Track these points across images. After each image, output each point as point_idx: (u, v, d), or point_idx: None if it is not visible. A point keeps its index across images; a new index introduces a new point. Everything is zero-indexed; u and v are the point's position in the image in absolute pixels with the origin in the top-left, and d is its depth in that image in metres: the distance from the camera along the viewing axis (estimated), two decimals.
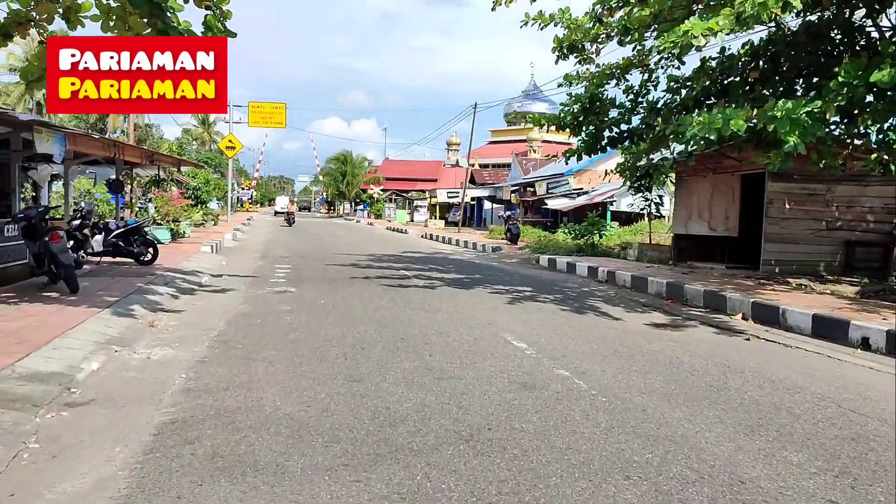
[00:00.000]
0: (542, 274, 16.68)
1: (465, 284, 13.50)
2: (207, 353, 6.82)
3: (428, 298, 11.20)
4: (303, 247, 23.45)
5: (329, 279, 13.64)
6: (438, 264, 18.12)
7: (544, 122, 14.43)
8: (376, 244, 26.68)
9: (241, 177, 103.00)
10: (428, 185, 69.56)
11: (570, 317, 9.90)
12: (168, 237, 18.54)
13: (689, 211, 17.75)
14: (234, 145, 37.83)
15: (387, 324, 8.65)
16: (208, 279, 13.10)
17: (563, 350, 7.36)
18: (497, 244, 25.22)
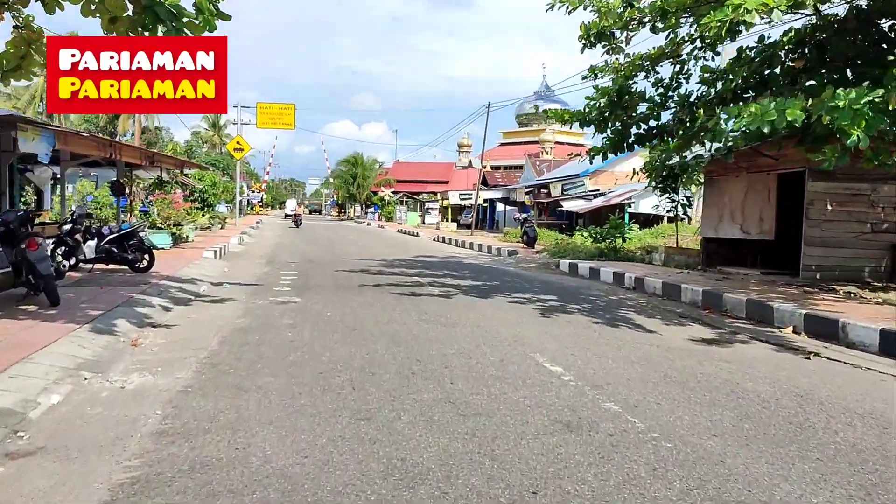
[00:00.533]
0: (563, 280, 15.66)
1: (484, 292, 12.51)
2: (193, 379, 5.86)
3: (444, 309, 10.22)
4: (311, 251, 22.53)
5: (337, 287, 12.69)
6: (453, 269, 17.14)
7: (568, 117, 13.42)
8: (387, 248, 25.73)
9: (252, 179, 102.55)
10: (439, 187, 68.65)
11: (604, 331, 8.89)
12: (169, 242, 17.66)
13: (719, 213, 16.68)
14: (242, 147, 37.03)
15: (400, 341, 7.68)
16: (207, 288, 12.17)
17: (606, 375, 6.35)
18: (513, 247, 24.22)
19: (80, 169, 23.31)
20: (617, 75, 12.53)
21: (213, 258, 17.38)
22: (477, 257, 22.60)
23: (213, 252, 17.70)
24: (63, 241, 12.68)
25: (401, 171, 74.54)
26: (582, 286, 14.41)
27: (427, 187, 70.09)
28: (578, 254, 19.94)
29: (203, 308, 9.99)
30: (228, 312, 9.57)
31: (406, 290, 12.47)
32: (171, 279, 12.31)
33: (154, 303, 9.78)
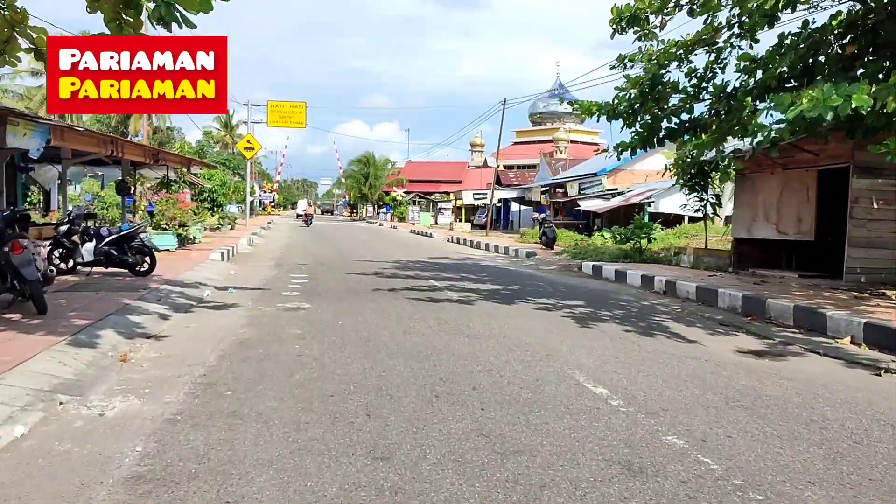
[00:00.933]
0: (587, 284, 14.80)
1: (506, 298, 11.68)
2: (184, 404, 5.08)
3: (466, 317, 9.40)
4: (322, 253, 21.78)
5: (349, 292, 11.90)
6: (470, 273, 16.32)
7: (596, 110, 12.56)
8: (401, 249, 24.94)
9: (264, 180, 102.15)
10: (452, 187, 67.88)
11: (642, 342, 8.04)
12: (174, 243, 16.94)
13: (752, 212, 15.76)
14: (252, 146, 36.37)
15: (420, 355, 6.87)
16: (211, 293, 11.42)
17: (658, 398, 5.51)
18: (531, 249, 23.37)
19: (86, 168, 22.68)
20: (649, 64, 11.68)
21: (220, 260, 16.64)
22: (494, 259, 21.77)
23: (220, 254, 16.97)
24: (60, 242, 11.98)
25: (413, 170, 73.80)
26: (609, 290, 13.55)
27: (439, 187, 69.32)
28: (601, 255, 19.07)
29: (204, 316, 9.22)
30: (231, 321, 8.79)
31: (423, 295, 11.67)
32: (172, 283, 11.56)
33: (151, 310, 9.02)
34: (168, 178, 20.25)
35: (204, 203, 30.96)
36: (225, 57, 7.76)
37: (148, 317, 8.60)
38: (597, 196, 36.44)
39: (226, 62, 7.76)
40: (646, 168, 39.11)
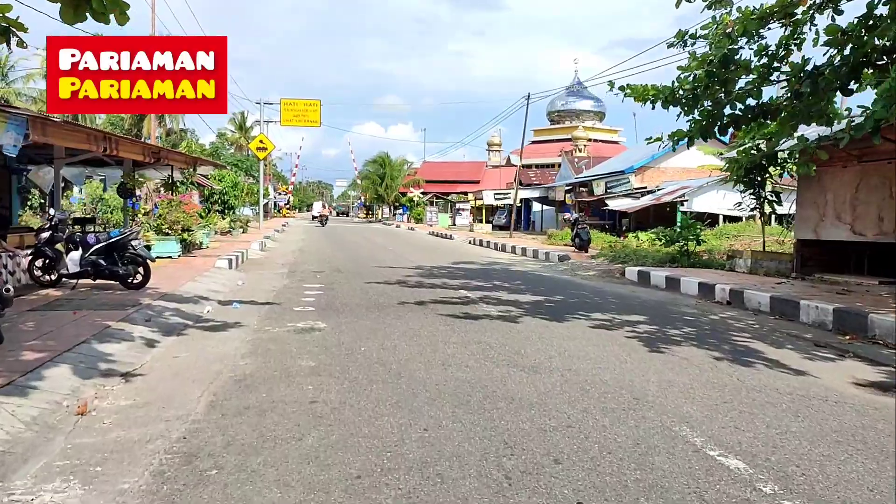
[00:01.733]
0: (637, 292, 13.14)
1: (553, 313, 10.05)
2: (144, 495, 3.52)
3: (514, 340, 7.79)
4: (339, 258, 20.22)
5: (371, 306, 10.32)
6: (503, 280, 14.69)
7: (651, 95, 10.90)
8: (422, 253, 23.35)
9: (279, 182, 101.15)
10: (470, 187, 66.30)
11: (741, 374, 6.40)
12: (177, 250, 15.45)
13: (819, 211, 14.02)
14: (265, 146, 34.96)
15: (470, 401, 5.26)
16: (212, 309, 9.88)
17: (822, 474, 3.87)
18: (562, 251, 21.68)
19: (88, 169, 21.29)
20: (719, 38, 10.00)
21: (227, 268, 15.13)
22: (523, 263, 20.12)
23: (227, 261, 15.46)
24: (41, 251, 10.51)
25: (429, 171, 72.25)
26: (665, 301, 11.88)
27: (457, 187, 67.73)
28: (642, 259, 17.38)
29: (200, 341, 7.66)
30: (231, 348, 7.23)
31: (456, 310, 10.07)
32: (168, 298, 10.04)
33: (136, 335, 7.48)
34: (172, 179, 18.77)
35: (214, 205, 29.58)
36: (225, 57, 7.71)
37: (129, 345, 7.06)
38: (625, 195, 34.68)
39: (226, 62, 7.71)
40: (675, 165, 37.34)
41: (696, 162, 37.11)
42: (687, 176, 36.65)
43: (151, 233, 15.47)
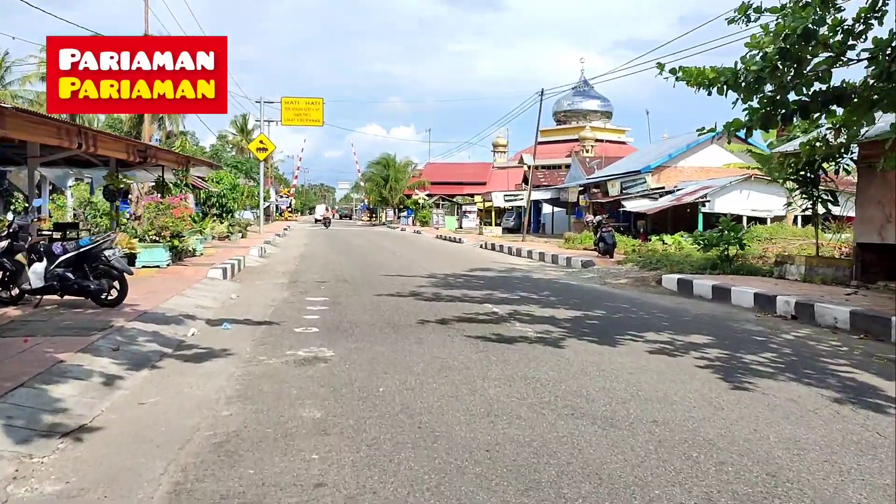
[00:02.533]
0: (683, 305, 11.62)
1: (599, 332, 8.52)
2: None
3: (567, 374, 6.26)
4: (344, 265, 18.70)
5: (386, 326, 8.80)
6: (528, 290, 13.15)
7: (711, 77, 9.38)
8: (432, 259, 21.83)
9: (280, 184, 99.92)
10: (476, 189, 64.80)
11: (881, 426, 4.87)
12: (166, 258, 13.93)
13: (885, 212, 12.46)
14: (266, 146, 33.48)
15: (540, 482, 3.73)
16: (198, 331, 8.37)
17: None
18: (584, 257, 20.11)
19: (73, 170, 19.79)
20: (797, 8, 8.50)
21: (221, 279, 13.61)
22: (544, 270, 18.58)
23: (221, 270, 13.94)
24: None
25: (434, 172, 70.70)
26: (720, 315, 10.35)
27: (463, 189, 66.22)
28: (678, 265, 15.83)
29: (176, 378, 6.14)
30: (214, 388, 5.70)
31: (486, 330, 8.54)
32: (148, 317, 8.53)
33: (96, 370, 5.96)
34: (164, 181, 17.28)
35: (212, 209, 28.10)
36: (225, 57, 7.65)
37: (85, 386, 5.54)
38: (642, 195, 33.14)
39: (226, 62, 7.64)
40: (693, 164, 35.82)
41: (714, 161, 35.59)
42: (705, 175, 35.11)
43: (136, 240, 13.97)
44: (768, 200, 29.45)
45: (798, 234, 21.42)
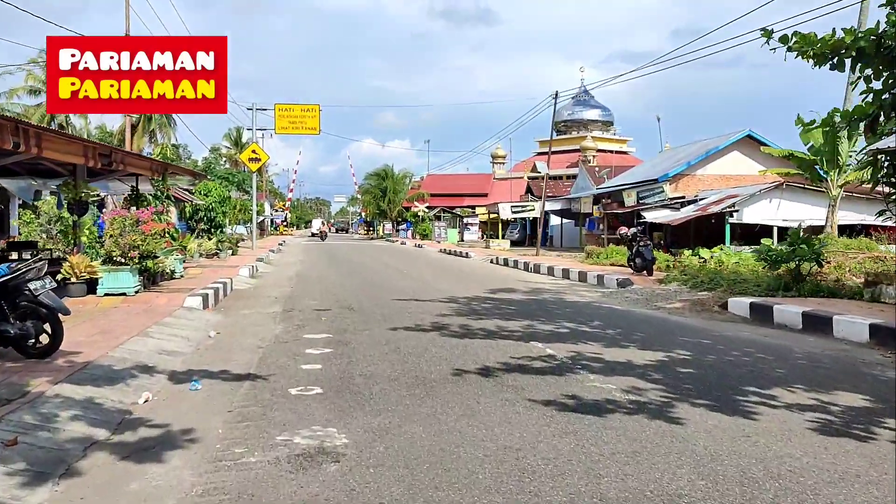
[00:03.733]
0: (773, 338, 9.31)
1: (707, 389, 6.18)
2: None
3: (724, 487, 3.93)
4: (346, 286, 16.34)
5: (414, 382, 6.44)
6: (575, 320, 10.80)
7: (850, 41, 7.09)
8: (444, 277, 19.47)
9: (276, 198, 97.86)
10: (477, 201, 62.61)
11: None
12: (133, 284, 11.51)
13: None
14: (259, 157, 31.14)
15: None
16: (156, 394, 6.00)
17: None
18: (617, 274, 17.75)
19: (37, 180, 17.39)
20: None
21: (201, 308, 11.23)
22: (574, 290, 16.24)
23: (201, 297, 11.56)
24: None
25: (434, 184, 68.42)
26: (839, 356, 8.02)
27: (463, 201, 63.94)
28: (740, 286, 13.52)
29: (92, 498, 3.79)
30: None
31: (553, 388, 6.20)
32: (87, 375, 6.17)
33: None
34: (137, 192, 14.92)
35: (199, 224, 25.73)
36: (225, 57, 7.67)
37: None
38: (662, 205, 30.88)
39: (226, 62, 7.66)
40: (713, 172, 33.60)
41: (735, 169, 33.45)
42: (725, 184, 32.96)
43: (98, 262, 11.60)
44: (801, 209, 27.25)
45: (852, 246, 19.13)
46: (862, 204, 26.65)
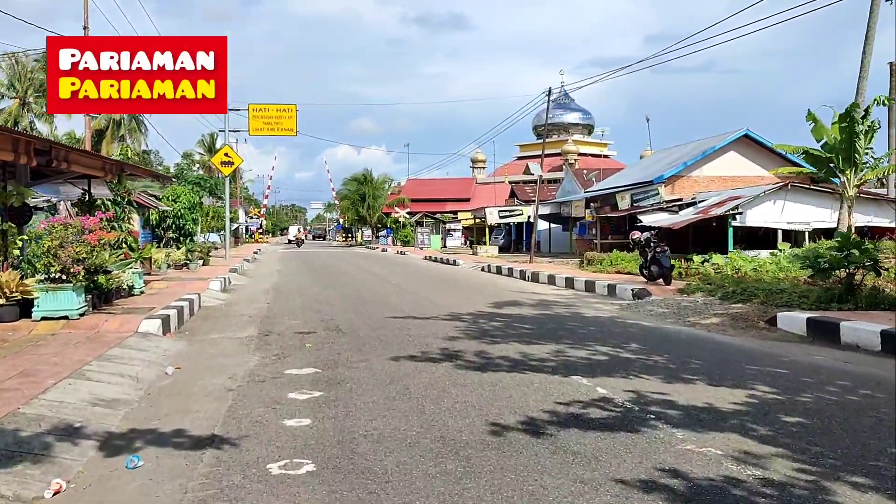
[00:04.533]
0: (851, 362, 7.69)
1: (852, 455, 4.48)
2: None
3: None
4: (331, 301, 14.49)
5: (435, 442, 4.66)
6: (608, 342, 9.06)
7: None
8: (438, 288, 17.70)
9: (250, 205, 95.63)
10: (459, 206, 60.96)
11: None
12: (77, 305, 9.49)
13: None
14: (231, 160, 29.11)
15: None
16: (77, 474, 4.16)
17: None
18: (631, 284, 16.08)
19: None
20: None
21: (159, 334, 9.34)
22: (586, 302, 14.56)
23: (160, 320, 9.66)
24: None
25: (415, 189, 66.64)
26: None
27: (445, 206, 62.19)
28: (782, 296, 11.91)
29: None
30: None
31: (640, 458, 4.45)
32: None
33: None
34: (90, 196, 12.98)
35: (167, 232, 23.70)
36: (225, 57, 7.63)
37: None
38: (658, 208, 29.37)
39: (226, 62, 7.62)
40: (709, 174, 32.19)
41: (732, 169, 32.11)
42: (723, 185, 31.60)
43: (33, 280, 9.66)
44: (806, 211, 25.95)
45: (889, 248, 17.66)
46: (869, 205, 25.39)
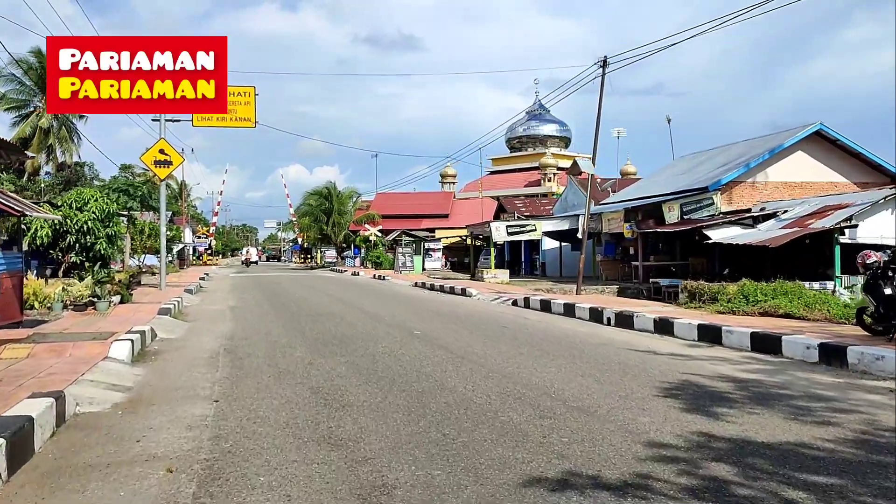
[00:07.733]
0: None
1: None
2: None
3: None
4: (324, 369, 7.69)
5: None
6: None
7: None
8: (474, 338, 10.94)
9: (199, 224, 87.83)
10: (438, 223, 54.38)
11: None
12: None
13: None
14: (169, 159, 21.95)
15: None
16: None
17: None
18: (835, 338, 9.63)
19: None
20: None
21: None
22: (711, 364, 8.02)
23: None
24: None
25: (385, 204, 59.77)
26: None
27: (421, 223, 55.53)
28: None
29: None
30: None
31: None
32: None
33: None
34: None
35: (69, 254, 16.41)
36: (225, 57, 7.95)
37: None
38: (725, 222, 23.16)
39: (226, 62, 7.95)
40: (774, 179, 26.15)
41: (801, 174, 26.17)
42: (790, 193, 25.69)
43: None
44: None
45: None
46: None
